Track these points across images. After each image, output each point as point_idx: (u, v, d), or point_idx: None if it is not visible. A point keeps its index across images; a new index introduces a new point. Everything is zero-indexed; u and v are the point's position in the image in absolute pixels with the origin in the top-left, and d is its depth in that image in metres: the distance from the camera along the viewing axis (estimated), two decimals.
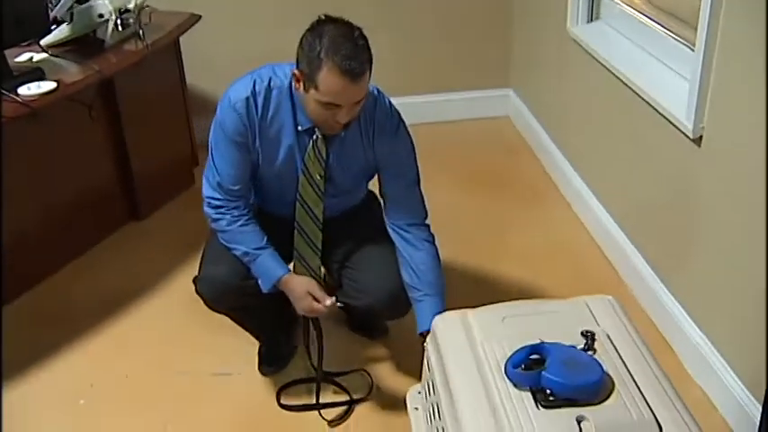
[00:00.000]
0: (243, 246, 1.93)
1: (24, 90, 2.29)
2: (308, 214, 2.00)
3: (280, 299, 1.97)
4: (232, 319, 2.14)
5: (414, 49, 3.57)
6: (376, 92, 1.94)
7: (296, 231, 2.03)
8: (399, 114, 1.98)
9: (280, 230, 1.99)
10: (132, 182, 2.96)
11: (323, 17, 1.78)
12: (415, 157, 2.02)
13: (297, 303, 1.95)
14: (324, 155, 1.92)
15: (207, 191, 1.96)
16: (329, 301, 1.92)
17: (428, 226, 2.04)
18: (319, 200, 1.98)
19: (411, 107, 2.01)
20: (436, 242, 2.02)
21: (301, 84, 1.78)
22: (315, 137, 1.89)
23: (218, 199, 1.93)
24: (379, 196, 2.07)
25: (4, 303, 2.52)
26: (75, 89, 2.44)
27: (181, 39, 3.01)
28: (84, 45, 2.66)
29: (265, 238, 1.94)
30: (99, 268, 2.76)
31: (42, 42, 2.60)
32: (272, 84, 1.87)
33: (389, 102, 1.97)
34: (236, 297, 1.99)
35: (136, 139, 2.92)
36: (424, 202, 2.04)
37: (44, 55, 2.58)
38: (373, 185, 2.14)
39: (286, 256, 2.00)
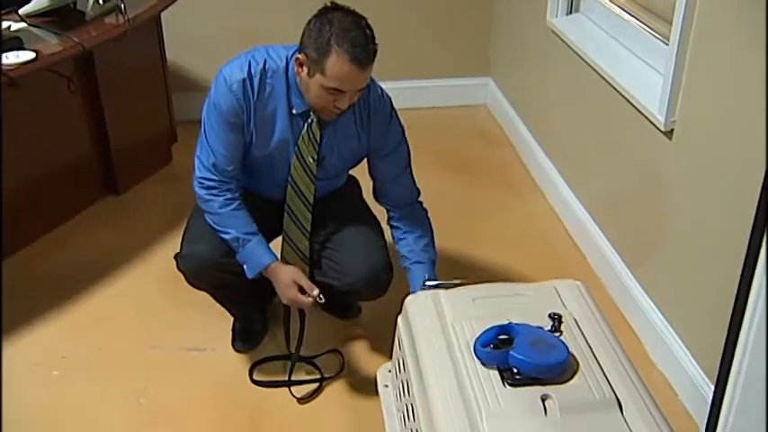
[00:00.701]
0: (233, 230, 1.93)
1: (2, 59, 2.27)
2: (298, 196, 2.02)
3: (260, 278, 1.99)
4: (212, 296, 2.16)
5: (394, 35, 3.56)
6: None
7: (285, 214, 2.05)
8: (390, 99, 2.02)
9: (264, 210, 2.01)
10: (110, 156, 2.95)
11: (329, 4, 1.81)
12: (407, 140, 2.07)
13: (282, 292, 1.97)
14: (318, 138, 1.95)
15: (200, 171, 1.95)
16: (316, 291, 1.95)
17: (421, 203, 2.11)
18: (311, 183, 2.01)
19: (390, 92, 2.04)
20: (429, 216, 2.11)
21: (305, 68, 1.81)
22: (310, 120, 1.92)
23: (212, 180, 1.94)
24: (370, 179, 2.10)
25: None
26: (54, 60, 2.42)
27: (162, 15, 2.99)
28: (64, 16, 2.64)
29: (255, 225, 1.96)
30: (75, 241, 2.75)
31: (21, 11, 2.57)
32: (267, 66, 1.88)
33: (381, 87, 2.01)
34: (218, 274, 2.01)
35: (115, 114, 2.91)
36: (415, 182, 2.11)
37: (22, 24, 2.55)
38: (357, 171, 2.17)
39: (269, 236, 2.02)
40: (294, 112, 1.91)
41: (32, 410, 2.07)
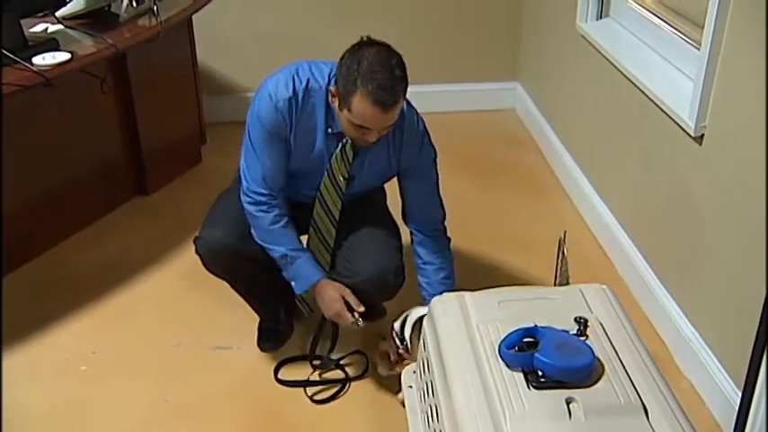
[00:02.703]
0: (282, 247, 1.97)
1: (39, 60, 2.31)
2: (325, 212, 2.06)
3: (273, 267, 2.02)
4: (231, 285, 2.17)
5: (423, 39, 3.60)
6: (405, 102, 1.97)
7: (311, 228, 2.08)
8: (425, 125, 2.04)
9: (290, 211, 2.03)
10: (141, 157, 3.00)
11: (365, 39, 1.82)
12: (437, 166, 2.08)
13: (328, 304, 1.99)
14: (350, 159, 1.98)
15: (250, 184, 1.96)
16: (362, 308, 1.98)
17: (445, 228, 2.12)
18: (339, 200, 2.04)
19: (418, 96, 2.04)
20: (451, 245, 2.12)
21: (336, 100, 1.84)
22: (345, 140, 1.94)
23: (262, 194, 1.96)
24: (400, 199, 2.12)
25: (10, 271, 2.56)
26: (88, 61, 2.46)
27: (194, 17, 3.03)
28: (99, 19, 2.69)
29: (301, 241, 1.99)
30: (104, 240, 2.80)
31: (57, 14, 2.62)
32: (309, 85, 1.90)
33: (416, 112, 2.02)
34: (234, 260, 2.03)
35: (146, 115, 2.95)
36: (442, 205, 2.12)
37: (59, 26, 2.60)
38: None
39: None
40: (330, 131, 1.94)
41: (60, 405, 2.11)
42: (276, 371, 2.19)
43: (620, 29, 2.76)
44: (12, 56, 2.24)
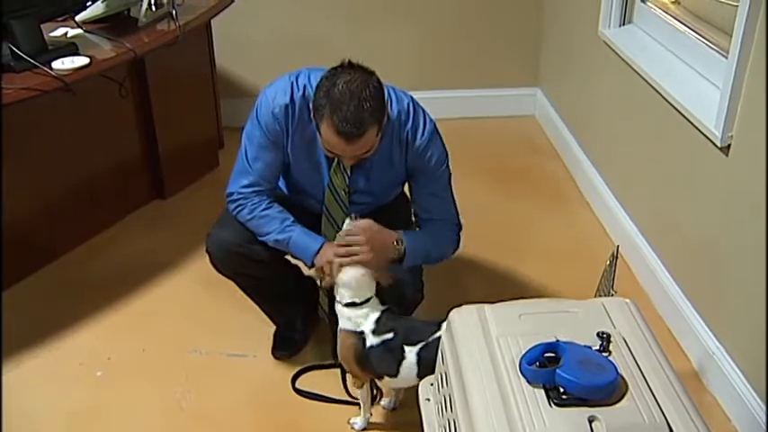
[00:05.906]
0: (272, 232, 1.95)
1: (58, 64, 2.32)
2: (332, 225, 2.04)
3: (287, 274, 2.01)
4: (241, 288, 2.14)
5: (443, 44, 3.58)
6: (411, 106, 1.94)
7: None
8: (435, 126, 1.98)
9: (302, 219, 2.01)
10: (158, 160, 3.00)
11: (346, 63, 1.78)
12: (448, 165, 2.03)
13: (322, 256, 1.93)
14: (348, 171, 1.96)
15: (233, 186, 1.98)
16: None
17: (459, 228, 2.05)
18: (343, 213, 2.01)
19: (438, 102, 2.02)
20: (459, 245, 2.05)
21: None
22: None
23: (241, 193, 1.97)
24: (410, 202, 2.09)
25: (27, 274, 2.56)
26: (107, 66, 2.47)
27: (212, 21, 3.03)
28: (118, 23, 2.69)
29: (288, 215, 1.97)
30: (121, 244, 2.80)
31: (77, 18, 2.63)
32: (306, 93, 1.89)
33: (424, 112, 1.98)
34: (240, 259, 2.02)
35: (164, 119, 2.95)
36: (456, 212, 2.06)
37: (78, 31, 2.61)
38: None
39: None
40: None
41: (75, 410, 2.10)
42: (294, 380, 2.17)
43: (644, 35, 2.72)
44: (32, 60, 2.24)
